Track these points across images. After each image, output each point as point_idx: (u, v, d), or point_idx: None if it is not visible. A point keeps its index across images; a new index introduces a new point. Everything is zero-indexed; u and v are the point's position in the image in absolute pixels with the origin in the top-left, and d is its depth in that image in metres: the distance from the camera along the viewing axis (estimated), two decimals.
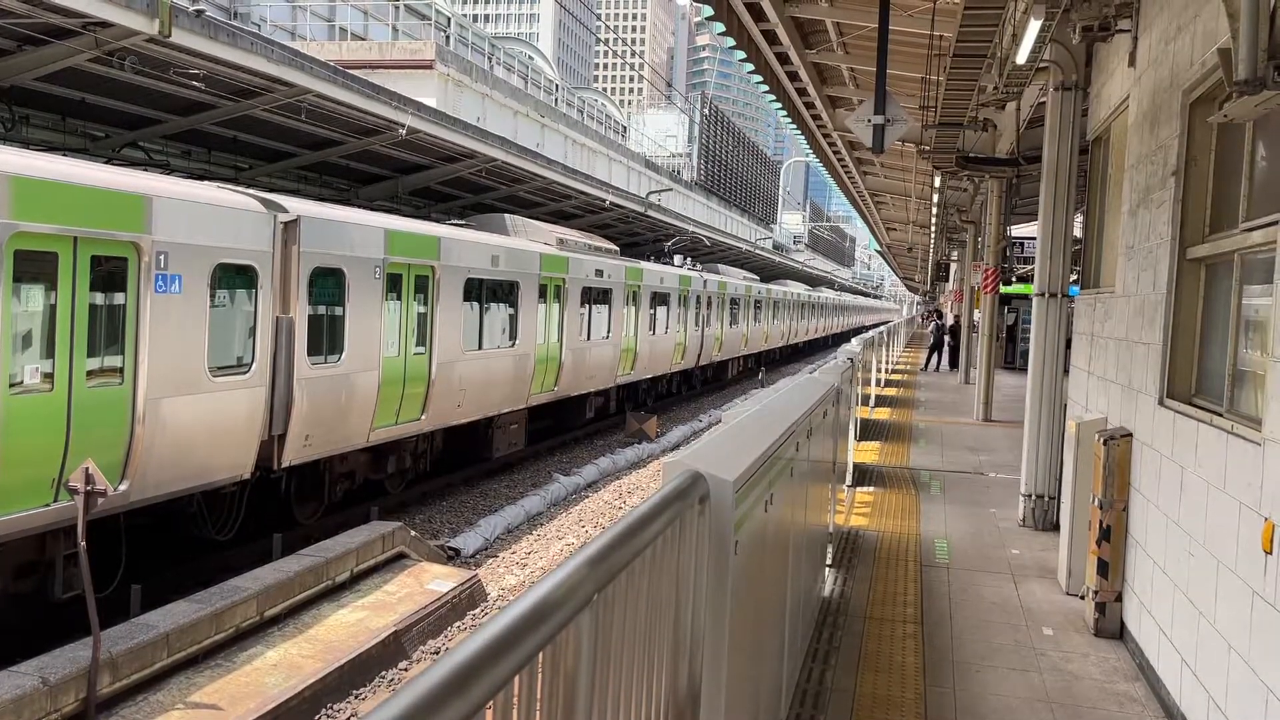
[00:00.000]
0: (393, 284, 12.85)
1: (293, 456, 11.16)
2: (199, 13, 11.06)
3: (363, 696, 8.37)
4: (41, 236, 7.93)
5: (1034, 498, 9.52)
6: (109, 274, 8.65)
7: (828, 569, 7.49)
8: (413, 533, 11.67)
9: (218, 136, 14.68)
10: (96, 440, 8.47)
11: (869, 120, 9.66)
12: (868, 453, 13.52)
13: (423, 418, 13.75)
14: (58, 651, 7.18)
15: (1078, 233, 11.16)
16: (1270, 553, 3.78)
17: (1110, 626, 6.38)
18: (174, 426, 9.32)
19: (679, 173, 70.57)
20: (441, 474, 15.96)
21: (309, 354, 11.26)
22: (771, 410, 4.56)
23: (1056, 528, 8.69)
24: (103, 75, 11.47)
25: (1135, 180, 6.60)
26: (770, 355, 44.39)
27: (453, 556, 12.50)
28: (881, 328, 28.60)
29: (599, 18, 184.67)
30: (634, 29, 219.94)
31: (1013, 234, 20.49)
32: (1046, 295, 9.66)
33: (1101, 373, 7.46)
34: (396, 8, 43.29)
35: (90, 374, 8.47)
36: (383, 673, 8.79)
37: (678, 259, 32.09)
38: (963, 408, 19.78)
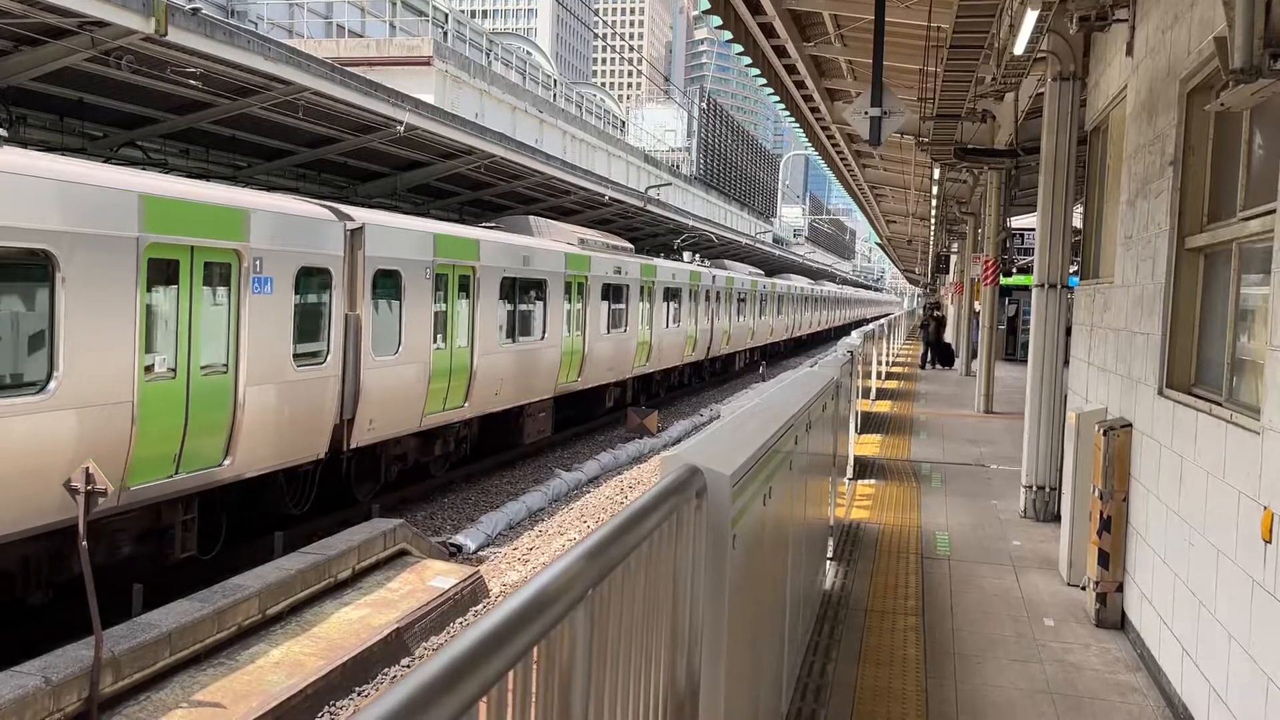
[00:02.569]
0: (439, 283, 14.10)
1: (359, 439, 12.37)
2: (195, 11, 11.04)
3: (365, 694, 8.38)
4: (167, 246, 9.20)
5: (1035, 489, 9.52)
6: (217, 277, 9.92)
7: (828, 562, 7.49)
8: (414, 530, 11.68)
9: (216, 135, 14.66)
10: (208, 422, 9.73)
11: (866, 112, 9.65)
12: (868, 446, 13.52)
13: (465, 405, 15.10)
14: (60, 651, 7.19)
15: (1077, 223, 11.15)
16: (1269, 542, 3.78)
17: (1111, 617, 6.38)
18: (267, 411, 10.51)
19: (678, 167, 70.52)
20: (478, 459, 17.08)
21: (373, 347, 12.45)
22: (770, 404, 4.56)
23: (1057, 519, 8.69)
24: (100, 75, 11.45)
25: (1133, 170, 6.59)
26: (775, 348, 45.20)
27: (454, 553, 12.51)
28: (882, 320, 28.63)
29: (596, 13, 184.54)
30: (632, 23, 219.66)
31: (1012, 225, 20.47)
32: (1046, 286, 9.65)
33: (1101, 363, 7.45)
34: (394, 4, 43.26)
35: (203, 364, 9.71)
36: (385, 670, 8.80)
37: (684, 255, 32.60)
38: (963, 400, 19.78)
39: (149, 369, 8.98)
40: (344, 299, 11.95)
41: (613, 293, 21.44)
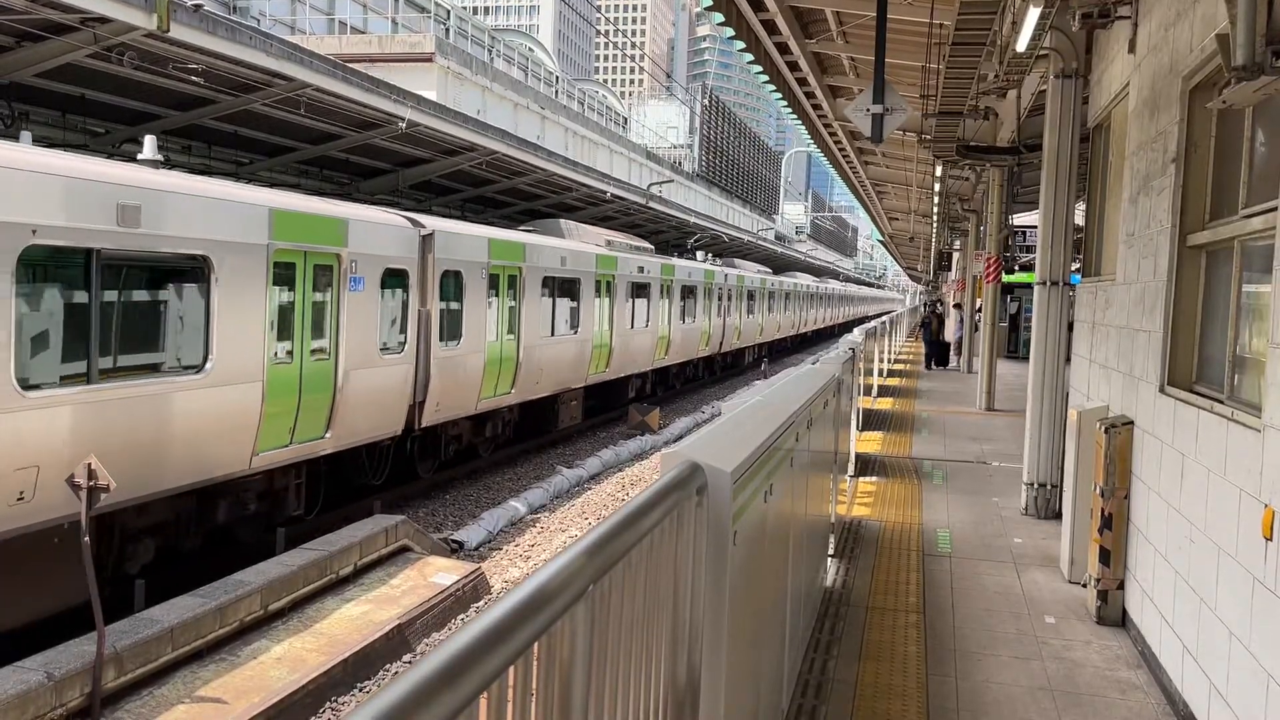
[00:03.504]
0: (493, 282, 15.71)
1: (428, 419, 14.04)
2: (197, 7, 11.04)
3: (367, 690, 8.39)
4: (288, 251, 10.77)
5: (1036, 486, 9.51)
6: (322, 277, 11.47)
7: (830, 559, 7.50)
8: (416, 526, 11.70)
9: (217, 131, 14.67)
10: (315, 401, 11.32)
11: (868, 109, 9.64)
12: (870, 443, 13.52)
13: (512, 392, 16.72)
14: (62, 647, 7.21)
15: (1079, 221, 11.14)
16: (1271, 539, 3.78)
17: (1112, 614, 6.38)
18: (359, 392, 12.11)
19: (680, 164, 70.45)
20: (519, 441, 18.74)
21: (440, 339, 14.03)
22: (771, 401, 4.56)
23: (1059, 516, 8.69)
24: (102, 71, 11.46)
25: (1135, 167, 6.59)
26: (781, 344, 46.54)
27: (456, 550, 12.52)
28: (884, 317, 28.64)
29: (599, 9, 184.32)
30: (634, 20, 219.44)
31: (1014, 223, 20.43)
32: (1048, 284, 9.64)
33: (1103, 361, 7.45)
34: (396, 1, 43.20)
35: (312, 351, 11.29)
36: (387, 666, 8.81)
37: (697, 254, 33.66)
38: (965, 397, 19.77)
39: (274, 355, 10.62)
40: (417, 296, 13.55)
41: (636, 290, 23.06)
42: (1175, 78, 5.59)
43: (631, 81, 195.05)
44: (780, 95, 18.14)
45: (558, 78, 58.94)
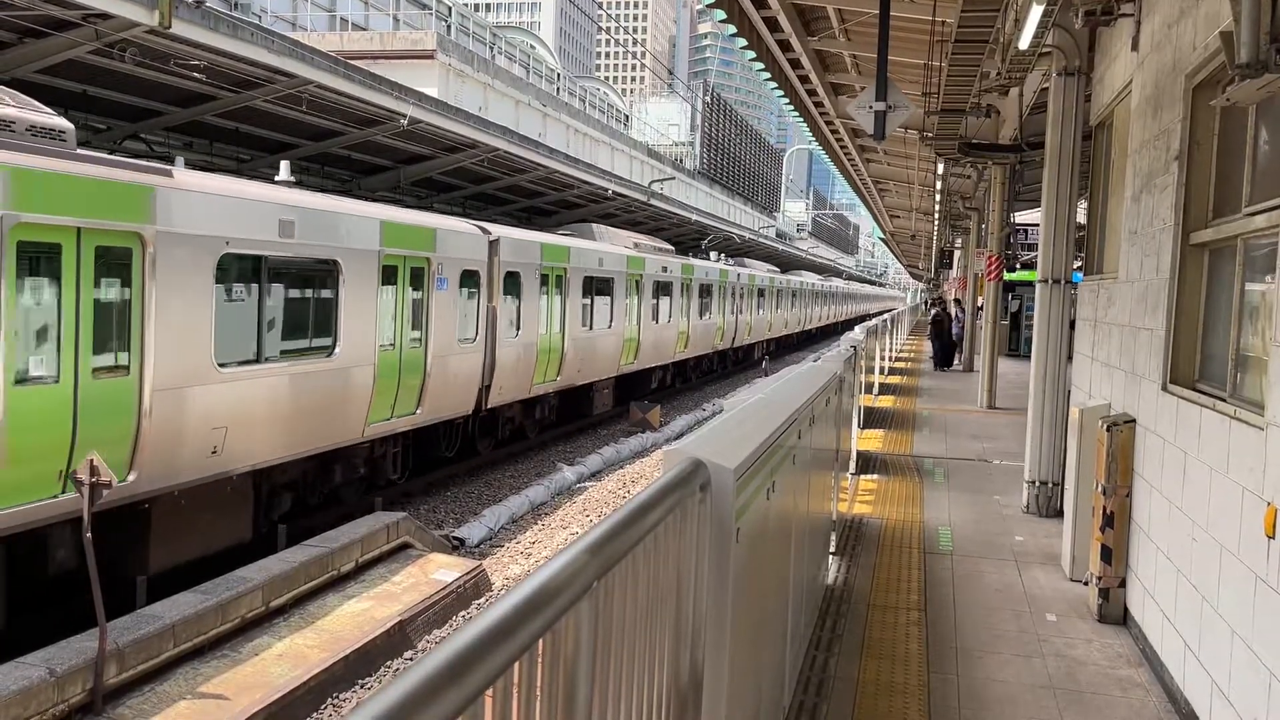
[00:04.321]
0: (543, 281, 17.75)
1: (493, 401, 16.24)
2: (199, 3, 11.03)
3: (368, 686, 8.40)
4: (393, 256, 12.92)
5: (1037, 484, 9.51)
6: (416, 277, 13.53)
7: (831, 556, 7.50)
8: (417, 523, 11.70)
9: (219, 128, 14.66)
10: (411, 382, 13.51)
11: (870, 107, 9.62)
12: (871, 440, 13.52)
13: (558, 379, 18.81)
14: (64, 643, 7.21)
15: (1081, 219, 11.12)
16: (1273, 537, 3.78)
17: (1114, 612, 6.38)
18: (443, 376, 14.24)
19: (681, 161, 70.40)
20: (561, 424, 20.96)
21: (503, 331, 16.15)
22: (773, 399, 4.56)
23: (1060, 514, 8.69)
24: (104, 67, 11.46)
25: (1138, 165, 6.58)
26: (788, 340, 48.46)
27: (457, 546, 12.53)
28: (886, 315, 28.63)
29: (600, 6, 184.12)
30: (636, 17, 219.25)
31: (1016, 220, 20.40)
32: (1050, 282, 9.63)
33: (1105, 359, 7.44)
34: None
35: (409, 340, 13.38)
36: (388, 663, 8.82)
37: (710, 255, 34.87)
38: (966, 395, 19.76)
39: (382, 344, 12.65)
40: (486, 294, 15.59)
41: (660, 288, 25.04)
42: (1178, 75, 5.58)
43: (633, 79, 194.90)
44: (782, 93, 18.12)
45: (559, 75, 58.90)
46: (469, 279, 14.99)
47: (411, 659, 9.03)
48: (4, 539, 7.96)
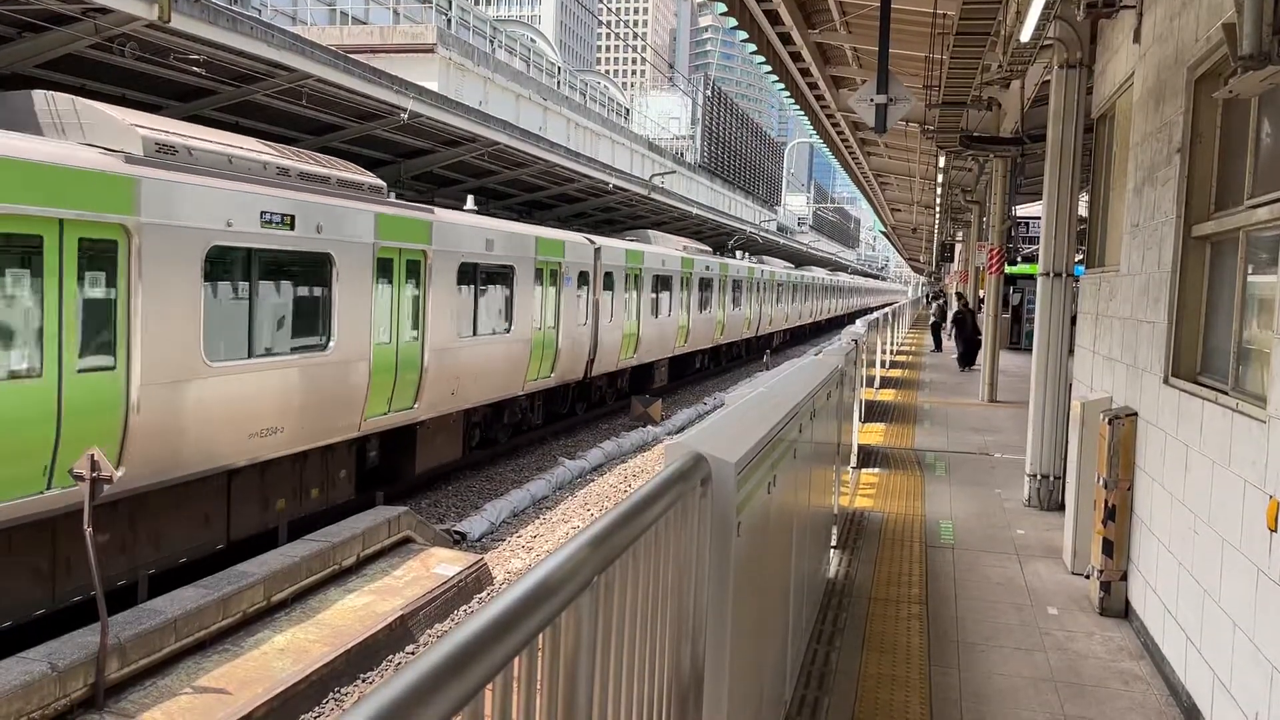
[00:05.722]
0: (628, 280, 22.49)
1: (595, 372, 20.99)
2: None
3: (370, 680, 8.41)
4: (546, 262, 17.83)
5: (1039, 478, 9.51)
6: (554, 278, 18.28)
7: (832, 550, 7.50)
8: (418, 517, 11.70)
9: (219, 122, 14.62)
10: (549, 353, 18.16)
11: (872, 99, 9.60)
12: (872, 434, 13.51)
13: (634, 356, 23.49)
14: (66, 637, 7.22)
15: (1083, 212, 11.10)
16: (1275, 530, 3.78)
17: (1115, 605, 6.38)
18: (567, 351, 19.01)
19: (682, 155, 70.31)
20: (633, 393, 25.01)
21: (604, 318, 20.91)
22: (774, 393, 4.56)
23: (1061, 508, 8.68)
24: (103, 62, 11.43)
25: (1140, 158, 6.56)
26: (801, 330, 53.01)
27: (459, 541, 12.53)
28: (888, 308, 28.67)
29: None
30: (636, 10, 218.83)
31: (1017, 214, 20.36)
32: (1051, 275, 9.62)
33: (1106, 352, 7.43)
34: None
35: (550, 325, 18.17)
36: (390, 657, 8.83)
37: (725, 252, 38.41)
38: (967, 389, 19.76)
39: (538, 326, 17.47)
40: (592, 289, 20.28)
41: (703, 284, 29.46)
42: (1180, 68, 5.57)
43: (633, 72, 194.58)
44: (783, 86, 18.10)
45: (560, 69, 58.76)
46: (582, 279, 19.68)
47: (413, 653, 9.04)
48: None
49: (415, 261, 13.35)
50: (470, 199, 17.20)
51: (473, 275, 14.97)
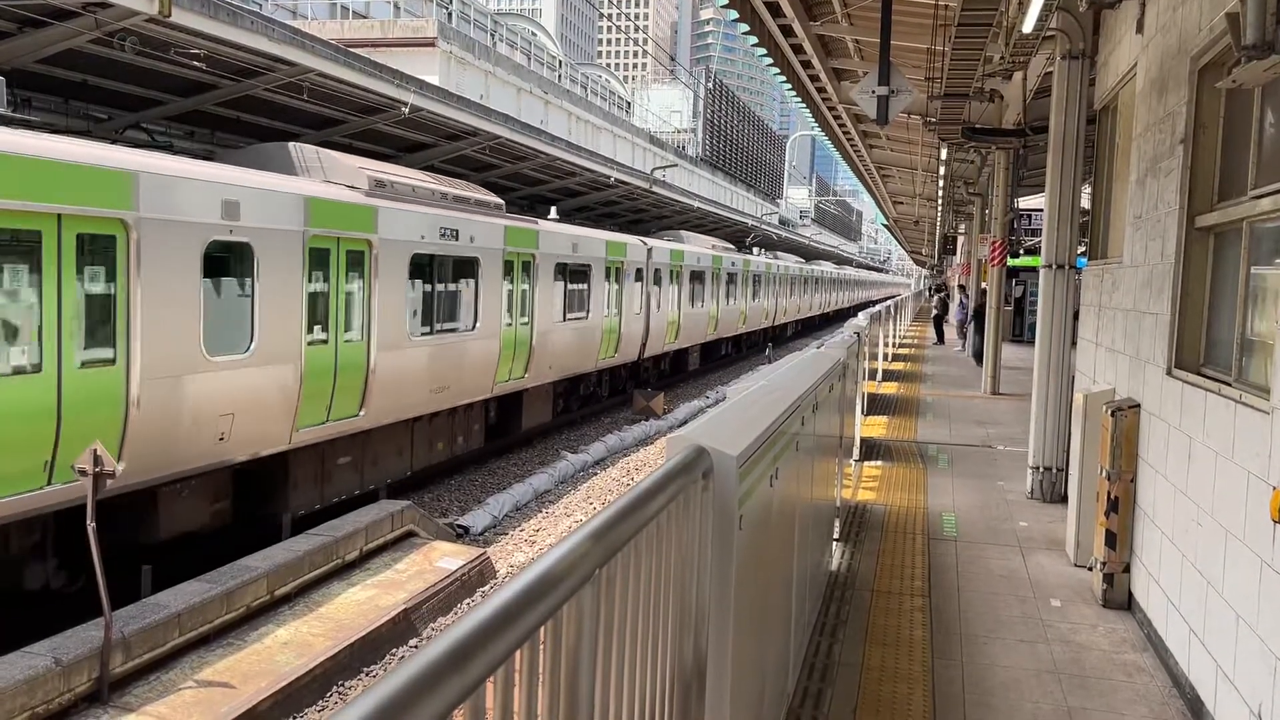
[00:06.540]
0: (672, 276, 25.86)
1: (647, 354, 24.47)
2: None
3: (373, 674, 8.42)
4: (613, 261, 21.04)
5: (1041, 470, 9.50)
6: (616, 276, 21.40)
7: (835, 543, 7.50)
8: (421, 511, 11.71)
9: (220, 117, 14.62)
10: (611, 339, 21.27)
11: (873, 92, 9.58)
12: (875, 427, 13.51)
13: (675, 341, 26.86)
14: (70, 632, 7.23)
15: (1085, 204, 11.08)
16: (1278, 521, 3.77)
17: (1118, 597, 6.38)
18: (627, 335, 22.34)
19: (684, 148, 70.22)
20: (674, 375, 29.49)
21: (655, 308, 24.29)
22: (776, 386, 4.55)
23: (1064, 500, 8.68)
24: (104, 57, 11.41)
25: (1143, 149, 6.54)
26: (812, 321, 56.30)
27: (461, 534, 12.55)
28: (891, 301, 28.74)
29: None
30: (637, 3, 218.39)
31: (1020, 206, 20.32)
32: (1054, 267, 9.60)
33: (1109, 344, 7.42)
34: None
35: (615, 313, 21.30)
36: (393, 650, 8.84)
37: (743, 248, 40.24)
38: (970, 381, 19.74)
39: (608, 313, 20.88)
40: (645, 284, 23.62)
41: (729, 278, 32.46)
42: (1184, 58, 5.55)
43: (635, 65, 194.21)
44: (785, 79, 18.05)
45: (561, 62, 58.63)
46: (637, 275, 22.99)
47: (416, 647, 9.06)
48: None
49: (526, 262, 16.90)
50: (554, 210, 22.25)
51: (564, 273, 18.42)
